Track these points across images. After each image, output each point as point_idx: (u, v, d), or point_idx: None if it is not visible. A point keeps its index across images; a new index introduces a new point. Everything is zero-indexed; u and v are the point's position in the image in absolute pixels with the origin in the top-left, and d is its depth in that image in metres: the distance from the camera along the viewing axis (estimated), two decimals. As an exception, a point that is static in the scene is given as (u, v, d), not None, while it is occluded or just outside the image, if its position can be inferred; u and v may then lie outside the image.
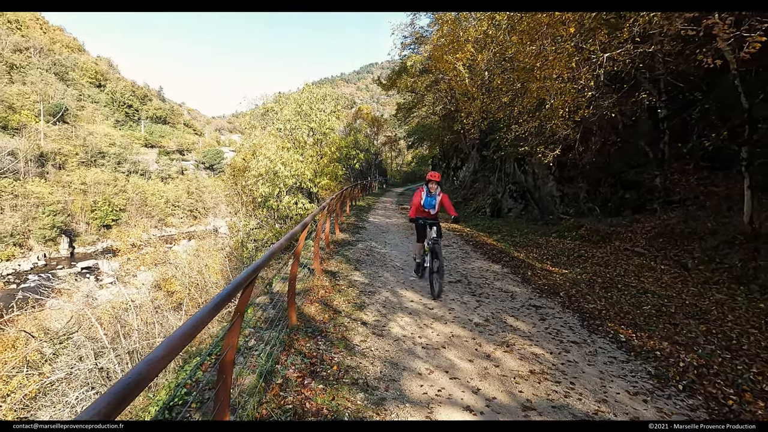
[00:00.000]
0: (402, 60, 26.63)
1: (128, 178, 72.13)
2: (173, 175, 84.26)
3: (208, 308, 1.96)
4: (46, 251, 54.21)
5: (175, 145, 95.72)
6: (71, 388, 15.48)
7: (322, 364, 4.52)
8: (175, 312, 19.29)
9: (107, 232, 63.10)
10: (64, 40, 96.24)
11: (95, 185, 64.16)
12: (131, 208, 66.75)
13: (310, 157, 19.50)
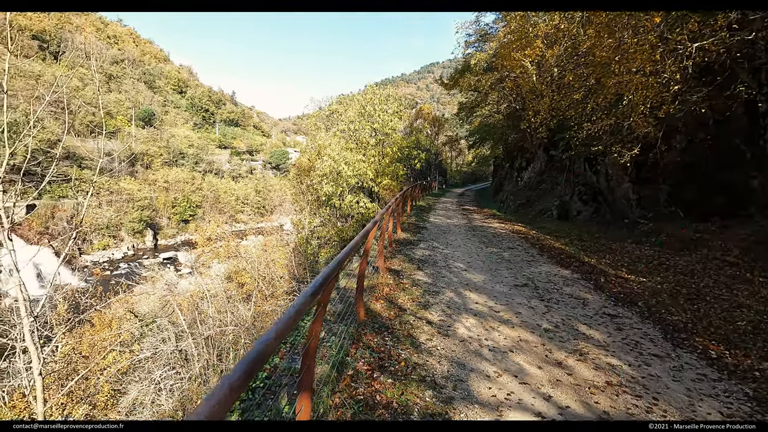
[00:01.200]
0: (465, 58, 26.23)
1: (204, 176, 78.00)
2: (243, 174, 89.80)
3: (306, 295, 2.12)
4: (134, 242, 60.27)
5: (245, 146, 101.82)
6: (156, 367, 17.11)
7: (389, 359, 4.63)
8: (245, 303, 20.60)
9: (185, 227, 68.73)
10: (153, 51, 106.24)
11: (176, 183, 70.18)
12: (206, 205, 72.16)
13: (372, 157, 19.87)
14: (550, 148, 20.87)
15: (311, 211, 21.78)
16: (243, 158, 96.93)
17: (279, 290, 20.88)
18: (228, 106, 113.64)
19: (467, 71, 25.70)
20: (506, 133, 25.81)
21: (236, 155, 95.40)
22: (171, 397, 15.16)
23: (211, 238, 24.29)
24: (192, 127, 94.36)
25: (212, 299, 19.64)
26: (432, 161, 40.81)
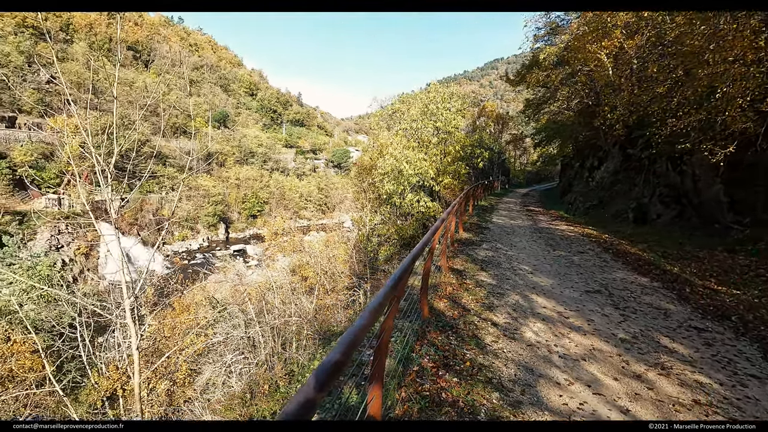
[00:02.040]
0: (533, 53, 25.12)
1: (271, 174, 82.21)
2: (307, 172, 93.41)
3: (388, 287, 2.19)
4: (209, 235, 65.10)
5: (309, 145, 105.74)
6: (227, 351, 18.39)
7: (454, 358, 4.61)
8: (308, 295, 21.46)
9: (254, 221, 72.95)
10: (228, 57, 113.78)
11: (246, 180, 74.71)
12: (272, 201, 76.02)
13: (433, 155, 19.76)
14: (627, 146, 19.39)
15: (372, 209, 22.13)
16: (307, 157, 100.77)
17: (339, 285, 21.48)
18: (294, 107, 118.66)
19: (535, 66, 24.63)
20: (577, 131, 24.39)
21: (301, 154, 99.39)
22: (240, 380, 16.21)
23: (278, 233, 25.57)
24: (261, 127, 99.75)
25: (278, 290, 20.67)
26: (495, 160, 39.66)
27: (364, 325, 1.53)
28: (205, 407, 15.12)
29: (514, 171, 56.14)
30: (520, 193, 36.49)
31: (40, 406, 14.34)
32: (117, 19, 8.24)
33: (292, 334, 19.13)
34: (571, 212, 21.82)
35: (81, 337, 14.30)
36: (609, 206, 19.72)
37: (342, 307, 20.86)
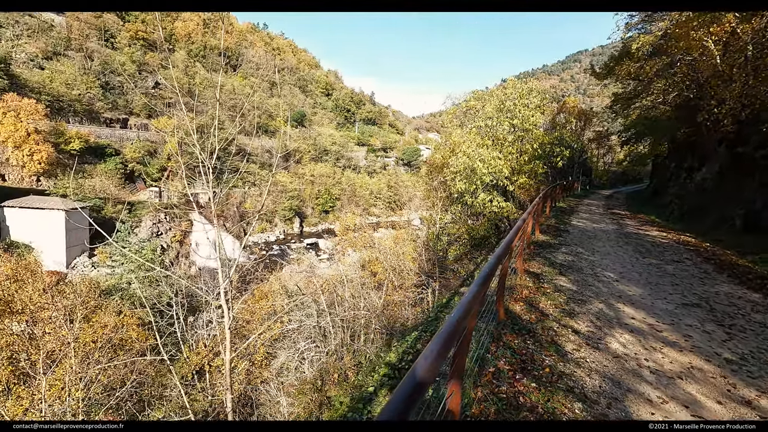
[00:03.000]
0: (624, 42, 23.07)
1: (343, 171, 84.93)
2: (377, 170, 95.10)
3: (478, 285, 2.21)
4: (285, 228, 69.00)
5: (380, 144, 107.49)
6: (300, 338, 19.42)
7: (532, 363, 4.45)
8: (376, 291, 21.91)
9: (326, 216, 75.93)
10: (307, 59, 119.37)
11: (320, 177, 77.97)
12: (344, 198, 78.55)
13: (509, 154, 19.07)
14: (737, 144, 17.12)
15: (442, 208, 21.96)
16: (378, 155, 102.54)
17: (407, 282, 21.65)
18: (367, 106, 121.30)
19: (626, 57, 22.65)
20: (673, 128, 22.03)
21: (372, 152, 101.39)
22: (312, 368, 17.05)
23: (349, 228, 26.38)
24: (335, 126, 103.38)
25: (348, 284, 21.37)
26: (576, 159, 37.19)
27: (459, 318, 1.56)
28: (279, 389, 16.15)
29: (597, 171, 52.23)
30: (602, 195, 33.88)
31: (142, 373, 16.27)
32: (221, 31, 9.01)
33: (360, 327, 19.68)
34: (665, 217, 19.83)
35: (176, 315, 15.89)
36: (711, 212, 17.60)
37: (409, 304, 21.01)
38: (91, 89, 60.27)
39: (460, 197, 20.35)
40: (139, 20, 78.47)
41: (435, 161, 26.67)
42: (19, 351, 13.67)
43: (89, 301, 16.36)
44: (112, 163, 53.49)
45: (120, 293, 21.63)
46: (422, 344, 4.78)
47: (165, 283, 17.17)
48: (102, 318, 15.81)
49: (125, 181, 54.84)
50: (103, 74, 64.70)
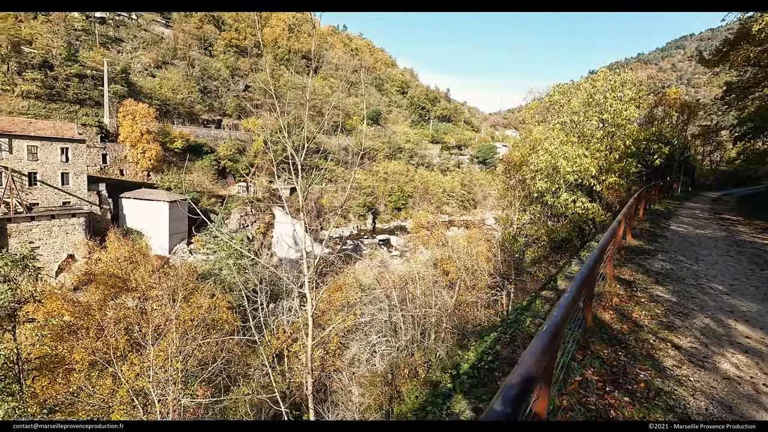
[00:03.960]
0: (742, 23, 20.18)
1: (416, 169, 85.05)
2: (451, 168, 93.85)
3: (575, 288, 2.12)
4: (358, 224, 70.97)
5: (455, 141, 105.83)
6: (372, 331, 19.90)
7: (625, 375, 4.14)
8: (448, 290, 21.70)
9: (398, 214, 76.73)
10: (383, 58, 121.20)
11: (393, 175, 78.91)
12: (416, 195, 78.68)
13: (596, 151, 17.71)
14: None
15: (520, 208, 21.07)
16: (452, 152, 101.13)
17: (481, 283, 21.14)
18: (442, 103, 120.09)
19: (744, 40, 19.81)
20: (804, 120, 18.85)
21: (446, 149, 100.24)
22: (382, 361, 17.41)
23: (422, 226, 26.39)
24: (410, 124, 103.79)
25: (420, 281, 21.43)
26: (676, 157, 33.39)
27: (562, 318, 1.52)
28: (351, 379, 16.70)
29: (701, 170, 46.48)
30: (708, 197, 30.05)
31: (230, 352, 17.82)
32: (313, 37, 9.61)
33: (431, 325, 19.66)
34: (788, 224, 17.08)
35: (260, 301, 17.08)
36: None
37: (482, 305, 20.51)
38: (192, 93, 67.01)
39: (540, 197, 19.39)
40: (233, 29, 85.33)
41: (513, 159, 25.66)
42: (133, 323, 15.71)
43: (188, 284, 18.30)
44: (208, 160, 58.98)
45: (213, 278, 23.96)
46: (501, 346, 4.67)
47: (251, 270, 18.58)
48: (198, 299, 17.60)
49: (218, 176, 60.20)
50: (201, 79, 71.56)
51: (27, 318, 14.59)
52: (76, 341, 15.07)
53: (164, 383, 13.64)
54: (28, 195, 37.24)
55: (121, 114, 50.26)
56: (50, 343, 14.42)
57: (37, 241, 34.66)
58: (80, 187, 40.71)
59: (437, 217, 31.56)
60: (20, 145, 36.87)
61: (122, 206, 45.03)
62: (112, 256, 19.72)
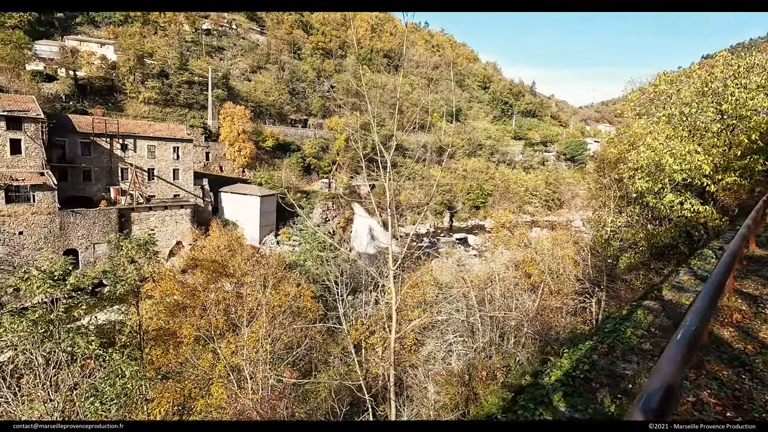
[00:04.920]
0: None
1: (497, 167, 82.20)
2: (534, 165, 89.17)
3: (708, 296, 1.95)
4: (435, 221, 70.62)
5: (540, 137, 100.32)
6: (448, 330, 19.76)
7: (750, 402, 3.64)
8: (530, 293, 20.71)
9: (476, 212, 74.91)
10: (465, 53, 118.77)
11: (472, 172, 77.12)
12: (496, 194, 76.11)
13: (711, 147, 15.62)
14: None
15: (615, 209, 19.34)
16: (536, 149, 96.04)
17: (567, 288, 19.88)
18: (526, 98, 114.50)
19: None
20: None
21: (530, 146, 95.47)
22: (459, 361, 17.23)
23: (503, 226, 25.50)
24: (491, 120, 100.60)
25: (499, 283, 20.75)
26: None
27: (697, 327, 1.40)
28: (427, 375, 16.74)
29: None
30: None
31: (313, 339, 18.88)
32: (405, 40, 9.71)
33: (510, 329, 18.98)
34: None
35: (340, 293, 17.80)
36: None
37: (568, 312, 19.27)
38: (282, 95, 71.74)
39: (639, 197, 17.66)
40: (320, 32, 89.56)
41: (607, 156, 23.66)
42: (230, 305, 17.35)
43: (277, 273, 19.72)
44: (294, 157, 62.77)
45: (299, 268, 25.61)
46: (599, 355, 4.38)
47: (333, 263, 19.45)
48: (286, 287, 18.90)
49: (303, 173, 63.83)
50: (291, 82, 76.26)
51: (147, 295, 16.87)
52: (184, 318, 17.08)
53: (255, 362, 14.89)
54: (147, 188, 42.85)
55: (221, 116, 55.53)
56: (164, 318, 16.52)
57: (153, 229, 39.76)
58: (188, 182, 45.87)
59: (519, 217, 30.05)
60: (142, 145, 42.52)
61: (221, 199, 49.79)
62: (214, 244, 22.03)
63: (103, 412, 12.18)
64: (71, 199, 37.62)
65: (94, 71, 52.17)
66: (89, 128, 39.56)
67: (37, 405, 10.59)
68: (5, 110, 32.78)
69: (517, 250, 25.04)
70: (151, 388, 13.70)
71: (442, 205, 70.79)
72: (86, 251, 36.38)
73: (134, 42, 56.17)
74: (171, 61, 60.63)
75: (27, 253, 32.97)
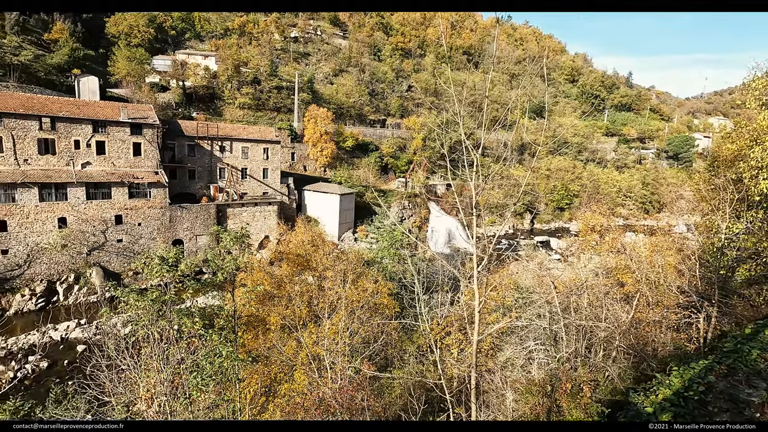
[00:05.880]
0: None
1: (585, 166, 76.42)
2: (629, 164, 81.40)
3: None
4: (514, 223, 67.73)
5: (636, 133, 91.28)
6: (529, 337, 18.83)
7: None
8: (623, 304, 18.91)
9: (560, 214, 70.44)
10: (552, 45, 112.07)
11: (556, 171, 72.59)
12: (583, 195, 70.79)
13: None
14: None
15: (731, 214, 16.92)
16: (631, 146, 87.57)
17: (668, 300, 17.88)
18: (621, 90, 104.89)
19: None
20: None
21: (624, 143, 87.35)
22: (540, 370, 16.32)
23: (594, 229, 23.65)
24: (579, 115, 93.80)
25: (587, 291, 19.30)
26: None
27: None
28: (504, 382, 16.16)
29: None
30: None
31: (389, 335, 19.20)
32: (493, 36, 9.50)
33: (599, 340, 17.61)
34: None
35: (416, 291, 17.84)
36: None
37: (669, 327, 17.32)
38: (361, 97, 73.82)
39: (763, 200, 15.34)
40: (399, 33, 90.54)
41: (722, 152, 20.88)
42: (313, 298, 18.30)
43: (356, 268, 20.37)
44: (372, 157, 64.24)
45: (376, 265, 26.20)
46: (716, 377, 3.91)
47: (410, 262, 19.58)
48: (364, 283, 19.44)
49: (381, 172, 65.07)
50: (370, 83, 78.15)
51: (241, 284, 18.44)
52: (271, 307, 18.38)
53: (335, 353, 15.55)
54: (240, 186, 46.80)
55: (306, 118, 58.73)
56: (255, 305, 17.93)
57: (248, 223, 43.34)
58: (275, 181, 49.26)
59: (610, 220, 27.33)
60: (237, 147, 46.53)
61: (304, 197, 52.69)
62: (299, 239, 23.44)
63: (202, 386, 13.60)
64: (178, 196, 42.45)
65: (199, 81, 58.22)
66: (194, 132, 44.30)
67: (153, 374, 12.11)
68: (130, 118, 37.95)
69: (609, 255, 23.06)
70: (242, 369, 14.98)
71: (522, 206, 67.68)
72: (189, 242, 40.78)
73: (232, 53, 61.65)
74: (263, 68, 65.49)
75: (144, 242, 37.88)
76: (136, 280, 35.76)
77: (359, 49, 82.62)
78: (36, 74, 47.41)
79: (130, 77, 52.61)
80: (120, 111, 37.88)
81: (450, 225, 59.87)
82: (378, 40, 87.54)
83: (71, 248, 34.54)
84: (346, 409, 11.66)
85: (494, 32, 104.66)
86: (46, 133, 34.51)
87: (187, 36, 73.77)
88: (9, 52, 46.19)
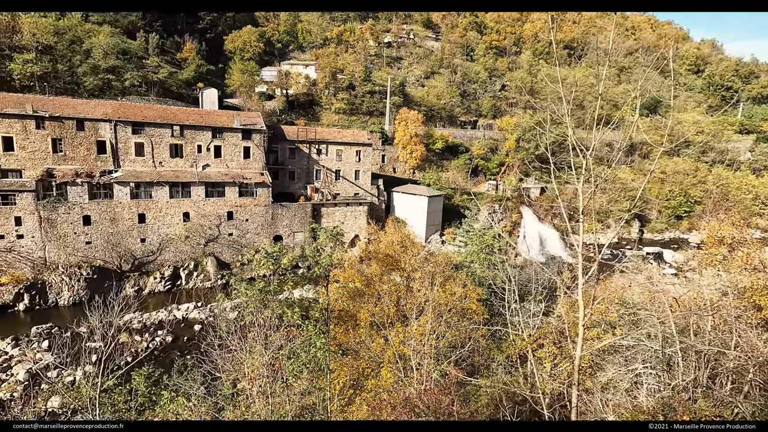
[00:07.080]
0: None
1: (710, 168, 66.49)
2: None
3: None
4: (619, 231, 61.38)
5: (781, 130, 76.86)
6: (636, 359, 16.93)
7: None
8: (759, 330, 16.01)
9: (677, 223, 62.22)
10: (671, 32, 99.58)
11: (674, 174, 64.21)
12: (708, 202, 61.63)
13: None
14: None
15: None
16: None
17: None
18: (762, 80, 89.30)
19: None
20: None
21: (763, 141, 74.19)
22: (649, 397, 14.53)
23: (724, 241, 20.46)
24: (704, 110, 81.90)
25: (712, 312, 16.75)
26: None
27: None
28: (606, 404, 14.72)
29: None
30: None
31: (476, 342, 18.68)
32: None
33: (726, 371, 15.28)
34: None
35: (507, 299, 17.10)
36: None
37: None
38: (452, 98, 73.06)
39: None
40: (494, 31, 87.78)
41: None
42: (401, 298, 18.56)
43: (444, 271, 20.21)
44: (462, 159, 63.15)
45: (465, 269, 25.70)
46: None
47: (501, 268, 18.86)
48: (452, 287, 19.20)
49: (470, 174, 63.68)
50: (462, 84, 76.96)
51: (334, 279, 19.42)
52: (362, 304, 19.05)
53: (421, 354, 15.59)
54: (334, 187, 49.30)
55: (397, 121, 59.87)
56: (346, 301, 18.76)
57: (338, 222, 45.56)
58: (366, 182, 51.00)
59: (745, 232, 23.10)
60: (332, 149, 49.12)
61: (393, 198, 53.72)
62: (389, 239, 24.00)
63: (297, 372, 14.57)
64: (279, 195, 46.19)
65: (300, 89, 62.75)
66: (294, 136, 47.84)
67: (256, 356, 13.30)
68: (242, 124, 42.31)
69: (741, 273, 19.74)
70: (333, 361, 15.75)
71: (629, 213, 61.10)
72: (288, 238, 44.09)
73: (330, 61, 65.32)
74: (357, 74, 68.29)
75: (250, 237, 41.92)
76: (243, 270, 39.75)
77: (451, 50, 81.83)
78: (170, 89, 55.33)
79: (242, 88, 58.68)
80: (234, 118, 42.51)
81: (543, 231, 56.39)
82: (471, 40, 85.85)
83: (192, 239, 39.61)
84: (432, 411, 11.62)
85: (600, 23, 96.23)
86: (176, 139, 40.05)
87: (290, 48, 79.87)
88: (150, 71, 54.53)
